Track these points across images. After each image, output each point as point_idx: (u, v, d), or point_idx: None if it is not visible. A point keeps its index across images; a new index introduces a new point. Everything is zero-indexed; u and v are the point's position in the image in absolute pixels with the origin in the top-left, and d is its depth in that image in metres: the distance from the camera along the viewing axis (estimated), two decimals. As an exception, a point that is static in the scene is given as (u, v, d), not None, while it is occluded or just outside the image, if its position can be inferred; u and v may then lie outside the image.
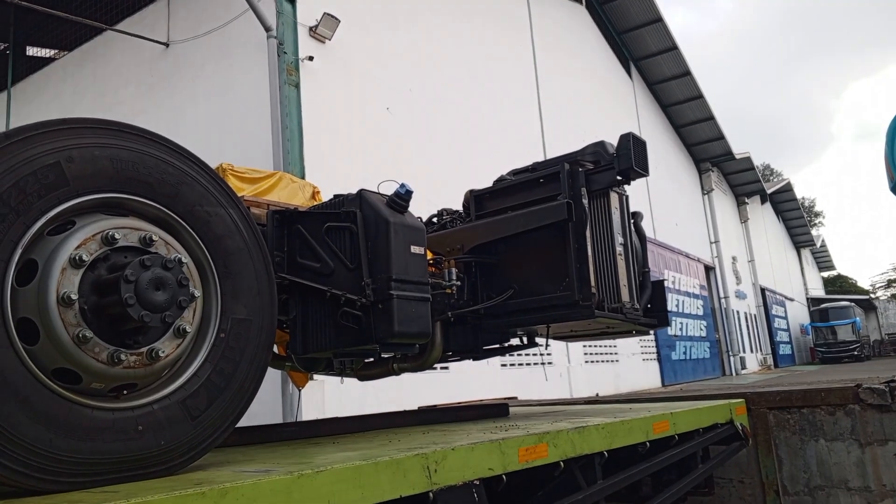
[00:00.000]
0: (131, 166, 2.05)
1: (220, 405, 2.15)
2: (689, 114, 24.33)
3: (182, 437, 2.03)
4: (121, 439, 1.89)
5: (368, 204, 3.08)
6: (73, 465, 1.79)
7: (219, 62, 8.97)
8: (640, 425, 3.70)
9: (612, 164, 4.09)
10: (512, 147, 13.12)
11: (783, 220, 42.96)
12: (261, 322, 2.33)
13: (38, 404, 1.75)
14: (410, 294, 3.03)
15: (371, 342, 3.00)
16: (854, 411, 5.03)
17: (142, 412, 1.96)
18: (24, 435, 1.70)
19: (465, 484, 2.40)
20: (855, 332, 40.53)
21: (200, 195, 2.22)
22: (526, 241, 4.05)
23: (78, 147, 1.93)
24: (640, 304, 4.28)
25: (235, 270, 2.28)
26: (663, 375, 18.67)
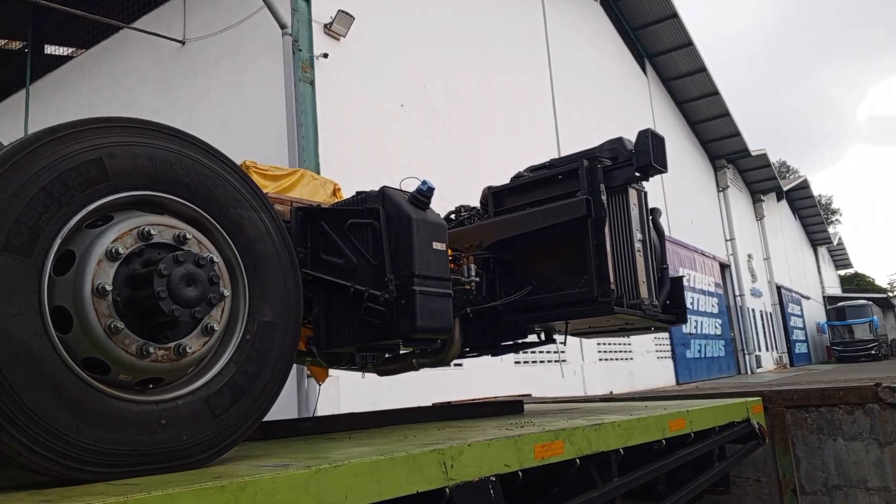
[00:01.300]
0: (169, 166, 2.10)
1: (243, 405, 2.18)
2: (704, 110, 24.14)
3: (204, 434, 2.05)
4: (144, 432, 1.91)
5: (391, 201, 3.11)
6: (98, 454, 1.82)
7: (234, 59, 9.02)
8: (657, 423, 3.68)
9: (630, 160, 4.07)
10: (526, 142, 13.09)
11: (799, 218, 42.57)
12: (286, 325, 2.36)
13: (68, 392, 1.78)
14: (433, 290, 3.05)
15: (394, 337, 3.04)
16: (873, 410, 4.98)
17: (166, 406, 1.99)
18: (53, 421, 1.73)
19: (482, 480, 2.40)
20: (872, 331, 40.10)
21: (234, 198, 2.28)
22: (544, 238, 4.04)
23: (119, 145, 2.00)
24: (658, 301, 4.27)
25: (264, 274, 2.32)
26: (678, 373, 18.57)
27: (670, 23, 20.30)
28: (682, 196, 20.91)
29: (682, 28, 20.57)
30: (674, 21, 20.26)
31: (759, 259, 30.17)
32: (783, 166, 60.66)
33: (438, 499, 2.24)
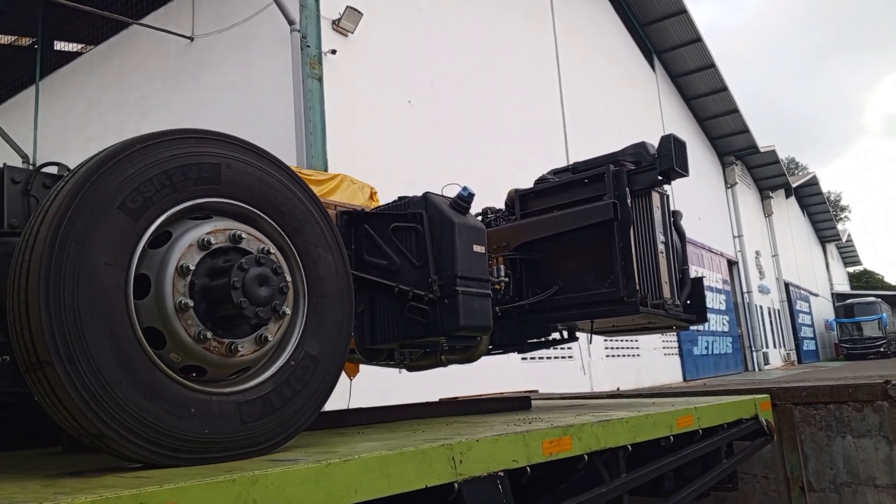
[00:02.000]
0: (271, 191, 2.36)
1: (271, 422, 2.25)
2: (712, 107, 24.02)
3: (226, 435, 2.13)
4: (175, 414, 2.00)
5: (434, 206, 3.30)
6: (188, 442, 2.00)
7: (242, 56, 9.04)
8: (664, 419, 3.68)
9: (653, 164, 4.19)
10: (534, 139, 13.07)
11: (808, 215, 42.33)
12: (329, 364, 2.47)
13: (124, 349, 1.91)
14: (474, 290, 3.24)
15: (439, 334, 3.20)
16: (882, 408, 4.96)
17: (199, 398, 2.08)
18: (102, 366, 1.85)
19: (490, 475, 2.41)
20: (881, 329, 39.86)
21: (317, 237, 2.50)
22: (571, 240, 4.17)
23: (236, 159, 2.27)
24: (679, 301, 4.39)
25: (322, 311, 2.47)
26: (685, 370, 18.54)
27: (679, 19, 20.19)
28: (689, 193, 20.81)
29: (690, 24, 20.45)
30: (682, 17, 20.15)
31: (768, 256, 30.04)
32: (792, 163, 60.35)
33: (447, 493, 2.25)
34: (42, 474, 2.01)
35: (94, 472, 1.95)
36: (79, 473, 1.97)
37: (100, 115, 11.25)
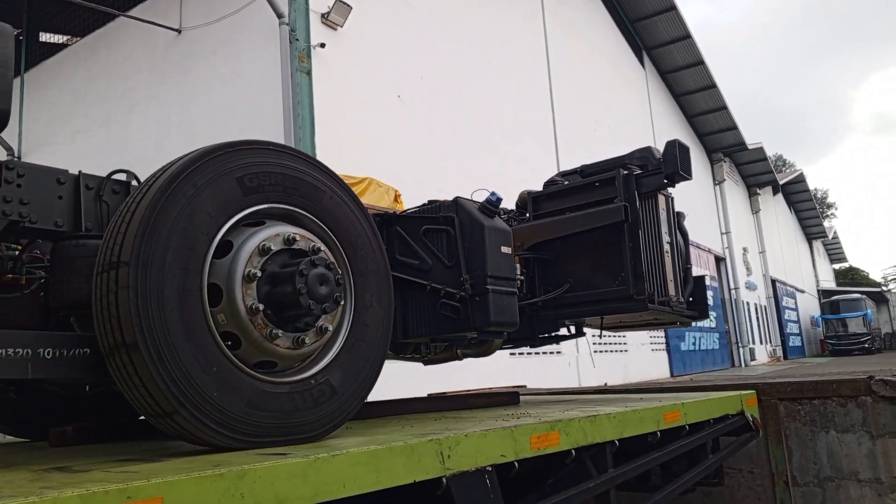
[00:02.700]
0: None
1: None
2: (701, 103, 24.12)
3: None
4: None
5: (464, 210, 3.53)
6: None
7: (230, 49, 8.98)
8: (651, 415, 3.70)
9: (659, 168, 4.41)
10: (524, 134, 13.08)
11: (795, 212, 42.65)
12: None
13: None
14: (502, 288, 3.48)
15: (470, 329, 3.44)
16: (866, 403, 5.02)
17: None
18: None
19: (478, 470, 2.42)
20: (866, 325, 40.29)
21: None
22: (583, 240, 4.39)
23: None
24: (683, 298, 4.61)
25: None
26: (672, 366, 18.65)
27: (668, 15, 20.23)
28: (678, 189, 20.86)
29: (680, 20, 20.51)
30: (672, 13, 20.20)
31: (755, 252, 30.25)
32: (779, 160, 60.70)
33: (435, 488, 2.26)
34: (29, 469, 2.00)
35: (82, 466, 1.95)
36: (66, 468, 1.97)
37: (86, 107, 11.14)
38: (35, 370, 2.18)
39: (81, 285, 2.30)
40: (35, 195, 2.37)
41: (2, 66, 2.37)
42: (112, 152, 9.95)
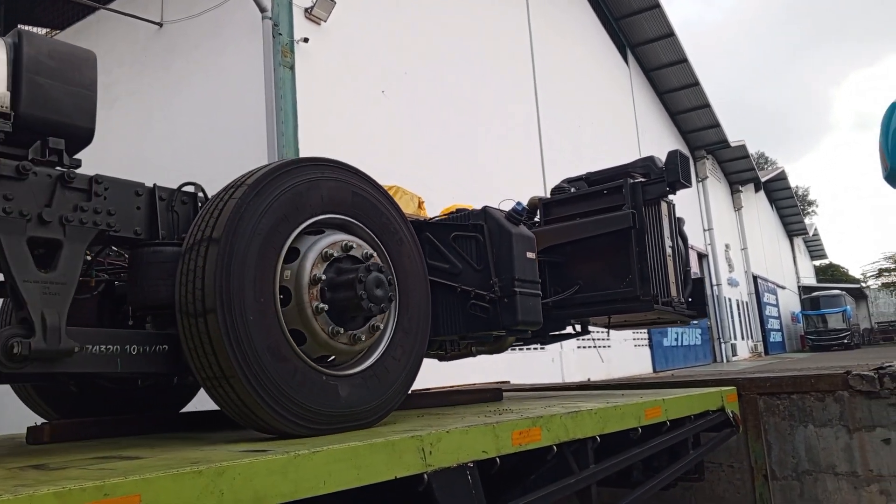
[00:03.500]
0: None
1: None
2: (684, 101, 24.25)
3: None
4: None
5: (493, 218, 3.83)
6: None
7: (213, 43, 8.90)
8: (633, 411, 3.73)
9: (661, 177, 4.70)
10: (508, 130, 13.09)
11: (777, 209, 43.05)
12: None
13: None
14: (528, 291, 3.80)
15: (499, 328, 3.76)
16: (843, 397, 5.09)
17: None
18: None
19: (460, 466, 2.42)
20: (845, 321, 40.78)
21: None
22: (591, 244, 4.68)
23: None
24: (683, 298, 4.92)
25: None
26: (654, 362, 18.77)
27: (652, 13, 20.32)
28: (661, 186, 21.02)
29: (663, 18, 20.60)
30: (656, 11, 20.29)
31: (737, 249, 30.50)
32: (761, 157, 61.22)
33: (417, 484, 2.26)
34: (4, 467, 1.98)
35: (58, 464, 1.93)
36: (42, 466, 1.95)
37: (66, 101, 10.98)
38: (124, 365, 2.45)
39: (159, 288, 2.58)
40: (118, 206, 2.58)
41: (87, 89, 2.61)
42: (94, 146, 9.81)
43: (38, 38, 2.61)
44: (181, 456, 1.99)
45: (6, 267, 2.21)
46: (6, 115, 2.37)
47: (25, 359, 2.15)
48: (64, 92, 2.51)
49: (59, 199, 2.37)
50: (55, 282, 2.28)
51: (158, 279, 2.56)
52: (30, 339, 2.15)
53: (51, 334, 2.19)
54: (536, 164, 14.05)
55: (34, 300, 2.21)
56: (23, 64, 2.41)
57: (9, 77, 2.40)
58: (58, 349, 2.21)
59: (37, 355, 2.16)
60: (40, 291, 2.24)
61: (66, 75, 2.54)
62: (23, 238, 2.25)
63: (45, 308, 2.22)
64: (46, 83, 2.47)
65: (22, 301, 2.20)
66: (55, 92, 2.49)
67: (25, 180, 2.29)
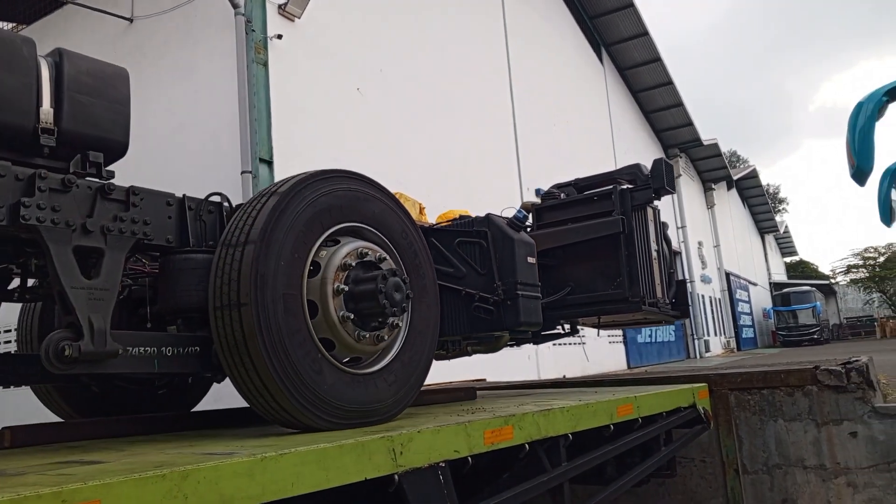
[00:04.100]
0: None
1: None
2: (658, 100, 24.47)
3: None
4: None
5: (495, 225, 4.08)
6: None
7: (184, 39, 8.77)
8: (605, 408, 3.75)
9: (647, 183, 4.92)
10: (483, 127, 13.10)
11: (748, 207, 43.65)
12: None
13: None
14: (529, 293, 4.04)
15: (503, 328, 4.00)
16: (812, 392, 5.17)
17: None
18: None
19: (431, 466, 2.41)
20: (815, 317, 41.51)
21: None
22: (582, 248, 4.89)
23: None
24: (668, 299, 5.14)
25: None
26: (629, 358, 18.93)
27: (626, 12, 20.46)
28: (635, 184, 21.18)
29: (637, 17, 20.75)
30: (630, 10, 20.43)
31: (710, 246, 30.87)
32: (734, 156, 62.04)
33: (387, 485, 2.24)
34: None
35: (16, 469, 1.88)
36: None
37: (33, 97, 10.76)
38: (160, 365, 2.61)
39: (190, 292, 2.72)
40: (152, 216, 2.71)
41: (122, 105, 2.76)
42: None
43: (77, 56, 2.72)
44: (145, 460, 1.96)
45: (55, 274, 2.33)
46: (50, 130, 2.51)
47: (75, 360, 2.29)
48: (101, 108, 2.66)
49: (100, 210, 2.50)
50: (99, 288, 2.42)
51: (190, 284, 2.71)
52: (79, 342, 2.28)
53: (98, 337, 2.33)
54: (512, 161, 14.09)
55: (81, 305, 2.34)
56: (64, 82, 2.55)
57: (52, 95, 2.54)
58: (104, 351, 2.35)
59: (85, 357, 2.30)
60: (86, 297, 2.37)
61: (103, 92, 2.68)
62: (69, 247, 2.37)
63: (91, 313, 2.35)
64: (85, 100, 2.61)
65: (70, 306, 2.32)
66: (93, 108, 2.63)
67: (70, 192, 2.41)
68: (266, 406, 2.57)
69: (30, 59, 2.53)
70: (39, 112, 2.50)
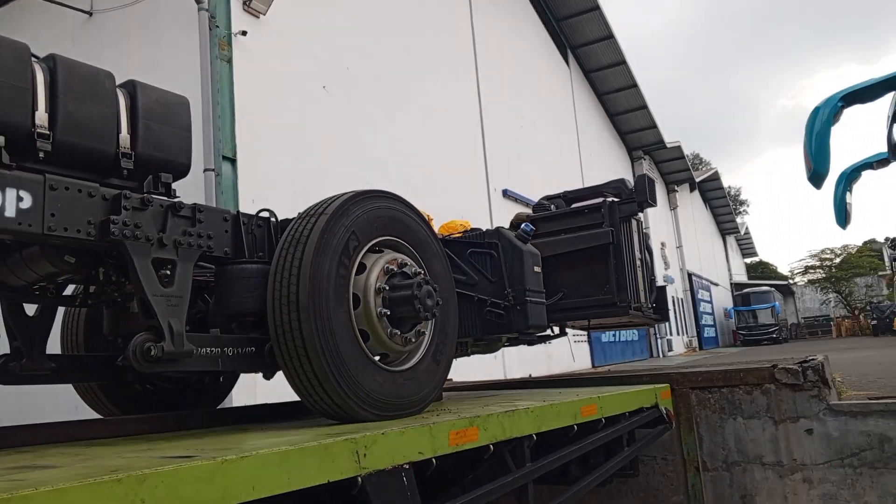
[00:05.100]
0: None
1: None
2: (623, 102, 24.80)
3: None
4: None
5: (505, 237, 4.56)
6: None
7: (146, 34, 8.60)
8: (569, 409, 3.78)
9: (632, 197, 5.32)
10: (450, 126, 13.11)
11: (710, 208, 44.48)
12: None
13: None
14: (536, 300, 4.52)
15: (513, 331, 4.50)
16: (770, 390, 5.28)
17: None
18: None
19: (395, 468, 2.40)
20: (774, 316, 42.49)
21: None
22: (574, 257, 5.29)
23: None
24: (650, 304, 5.54)
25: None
26: (593, 357, 19.14)
27: (592, 15, 20.69)
28: (600, 185, 21.40)
29: (603, 20, 21.00)
30: (595, 13, 20.67)
31: (672, 247, 31.39)
32: (696, 158, 63.15)
33: (350, 487, 2.23)
34: None
35: (-35, 477, 1.82)
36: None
37: (-13, 91, 10.44)
38: (223, 364, 2.89)
39: (246, 298, 2.99)
40: (213, 230, 2.97)
41: (185, 131, 3.06)
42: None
43: (147, 87, 3.01)
44: (100, 464, 1.91)
45: (138, 284, 2.60)
46: (128, 154, 2.80)
47: (158, 360, 2.56)
48: (168, 133, 2.96)
49: (172, 226, 2.76)
50: (175, 295, 2.70)
51: (246, 291, 3.00)
52: (161, 343, 2.57)
53: (177, 339, 2.62)
54: (479, 161, 14.13)
55: (161, 311, 2.61)
56: (138, 111, 2.86)
57: (128, 122, 2.83)
58: (182, 351, 2.63)
59: (167, 356, 2.58)
60: (165, 303, 2.64)
61: (169, 119, 2.98)
62: (149, 259, 2.65)
63: (170, 317, 2.63)
64: (156, 126, 2.91)
65: (152, 311, 2.60)
66: (162, 133, 2.93)
67: (147, 210, 2.68)
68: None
69: (110, 91, 2.81)
70: (119, 138, 2.78)
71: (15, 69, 2.53)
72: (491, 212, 13.81)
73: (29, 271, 2.83)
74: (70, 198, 2.48)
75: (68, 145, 2.61)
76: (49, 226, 2.41)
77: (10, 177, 2.35)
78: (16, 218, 2.33)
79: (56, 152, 2.57)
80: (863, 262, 50.56)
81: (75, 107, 2.65)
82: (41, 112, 2.55)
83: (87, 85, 2.72)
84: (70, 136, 2.61)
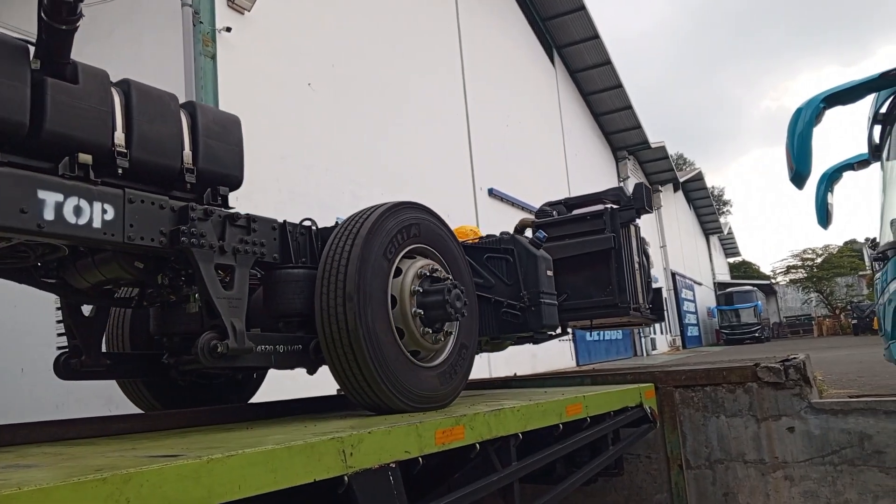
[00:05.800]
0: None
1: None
2: (608, 103, 24.90)
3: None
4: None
5: (520, 243, 4.90)
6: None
7: (129, 29, 8.52)
8: (554, 408, 3.79)
9: (630, 204, 5.70)
10: (436, 125, 13.10)
11: (694, 208, 44.80)
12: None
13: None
14: (549, 301, 4.85)
15: (528, 331, 4.85)
16: (752, 389, 5.33)
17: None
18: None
19: (381, 467, 2.40)
20: (756, 315, 42.89)
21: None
22: (578, 260, 5.62)
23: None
24: (647, 305, 5.85)
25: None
26: (578, 356, 19.21)
27: (578, 15, 20.75)
28: (585, 185, 21.53)
29: (588, 20, 21.07)
30: (581, 13, 20.73)
31: (656, 247, 31.57)
32: (680, 158, 63.62)
33: (337, 486, 2.22)
34: None
35: (-55, 477, 1.79)
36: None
37: (-33, 86, 10.29)
38: (276, 361, 3.16)
39: (294, 301, 3.25)
40: (265, 238, 3.22)
41: (237, 146, 3.27)
42: None
43: (205, 107, 3.27)
44: (84, 464, 1.89)
45: (203, 287, 2.84)
46: (191, 169, 3.02)
47: (222, 356, 2.79)
48: (224, 149, 3.18)
49: (230, 234, 3.01)
50: (235, 297, 2.94)
51: (293, 294, 3.25)
52: (226, 340, 2.79)
53: (240, 337, 2.86)
54: (465, 159, 14.13)
55: (225, 311, 2.84)
56: (198, 129, 3.07)
57: (190, 140, 3.05)
58: (244, 348, 2.87)
59: (231, 353, 2.81)
60: (227, 305, 2.87)
61: (224, 136, 3.20)
62: (212, 264, 2.90)
63: (232, 318, 2.86)
64: (213, 143, 3.13)
65: (217, 312, 2.83)
66: (219, 150, 3.16)
67: (209, 220, 2.92)
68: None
69: (175, 112, 3.01)
70: (183, 155, 3.00)
71: (98, 94, 2.73)
72: (476, 210, 13.83)
73: (98, 275, 3.03)
74: (145, 210, 2.73)
75: (142, 162, 2.82)
76: (129, 235, 2.66)
77: (97, 192, 2.59)
78: (101, 228, 2.57)
79: (132, 169, 2.78)
80: (843, 262, 51.11)
81: (147, 127, 2.86)
82: (119, 132, 2.77)
83: (155, 106, 2.94)
84: (143, 154, 2.82)
